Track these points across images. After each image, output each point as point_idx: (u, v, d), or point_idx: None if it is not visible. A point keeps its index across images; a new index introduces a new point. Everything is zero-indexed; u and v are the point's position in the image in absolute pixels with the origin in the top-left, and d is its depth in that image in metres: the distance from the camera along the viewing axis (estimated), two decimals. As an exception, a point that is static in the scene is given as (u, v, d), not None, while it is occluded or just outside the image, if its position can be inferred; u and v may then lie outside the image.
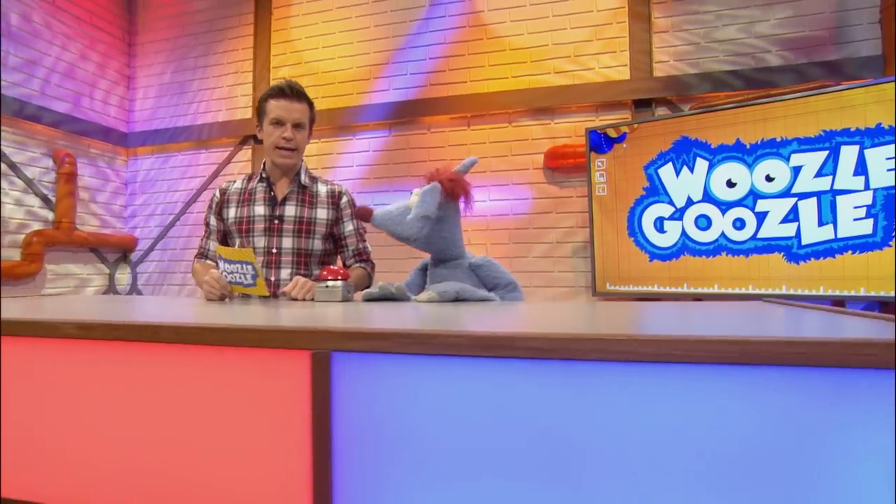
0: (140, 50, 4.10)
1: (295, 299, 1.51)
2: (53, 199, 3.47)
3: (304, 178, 1.84)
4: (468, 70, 3.32)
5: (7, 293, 3.19)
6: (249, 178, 1.88)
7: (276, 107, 1.74)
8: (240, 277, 1.50)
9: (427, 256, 1.55)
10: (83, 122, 3.67)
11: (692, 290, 2.70)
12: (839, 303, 2.48)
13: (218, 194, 1.88)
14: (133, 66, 4.11)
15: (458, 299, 1.34)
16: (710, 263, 2.69)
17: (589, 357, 0.61)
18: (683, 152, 2.74)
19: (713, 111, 2.67)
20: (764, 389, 0.57)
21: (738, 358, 0.57)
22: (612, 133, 2.87)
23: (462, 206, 1.48)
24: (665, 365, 0.60)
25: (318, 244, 1.83)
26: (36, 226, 3.38)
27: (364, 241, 1.92)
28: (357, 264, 1.89)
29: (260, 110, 1.79)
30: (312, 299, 1.49)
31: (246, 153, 3.81)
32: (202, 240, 1.90)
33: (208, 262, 1.84)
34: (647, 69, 3.10)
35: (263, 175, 1.84)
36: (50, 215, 3.46)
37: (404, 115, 3.40)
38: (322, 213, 1.84)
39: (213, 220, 1.87)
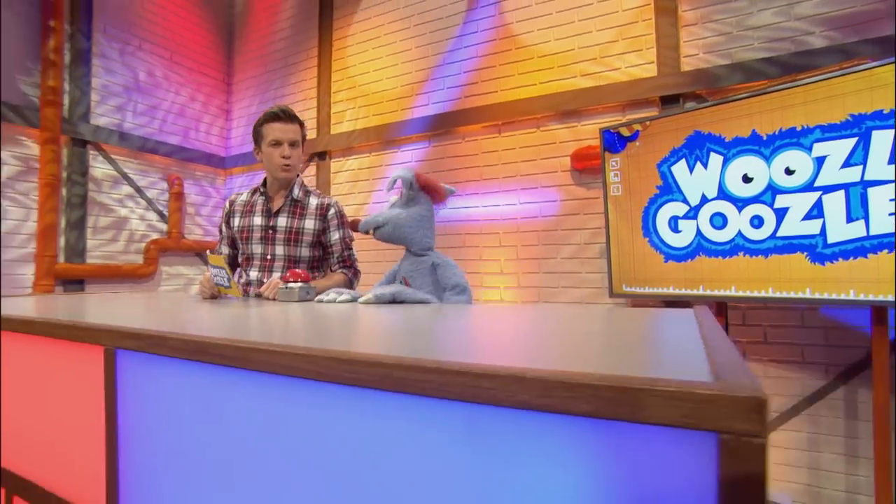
0: (235, 88, 4.91)
1: (266, 298, 1.71)
2: (167, 214, 4.34)
3: (296, 193, 2.02)
4: (498, 80, 3.51)
5: (134, 287, 4.08)
6: (253, 192, 2.10)
7: (272, 129, 1.94)
8: (220, 280, 1.73)
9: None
10: (190, 150, 4.51)
11: (708, 292, 2.67)
12: (881, 310, 2.31)
13: (227, 205, 2.14)
14: (230, 102, 4.92)
15: (394, 301, 1.41)
16: (726, 264, 2.63)
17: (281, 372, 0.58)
18: (696, 148, 2.72)
19: (726, 102, 2.62)
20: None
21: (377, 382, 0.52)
22: (625, 132, 2.93)
23: (434, 206, 1.63)
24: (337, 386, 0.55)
25: (305, 251, 2.00)
26: (154, 235, 4.25)
27: (349, 249, 2.07)
28: (340, 269, 2.05)
29: (257, 135, 1.99)
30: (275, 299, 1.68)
31: (311, 168, 4.37)
32: (217, 243, 2.21)
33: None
34: (675, 64, 3.10)
35: (262, 189, 2.06)
36: (164, 227, 4.32)
37: (441, 126, 3.63)
38: (310, 224, 2.00)
39: (223, 228, 2.14)
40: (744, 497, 0.39)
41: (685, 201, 2.75)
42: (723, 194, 2.64)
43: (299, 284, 1.64)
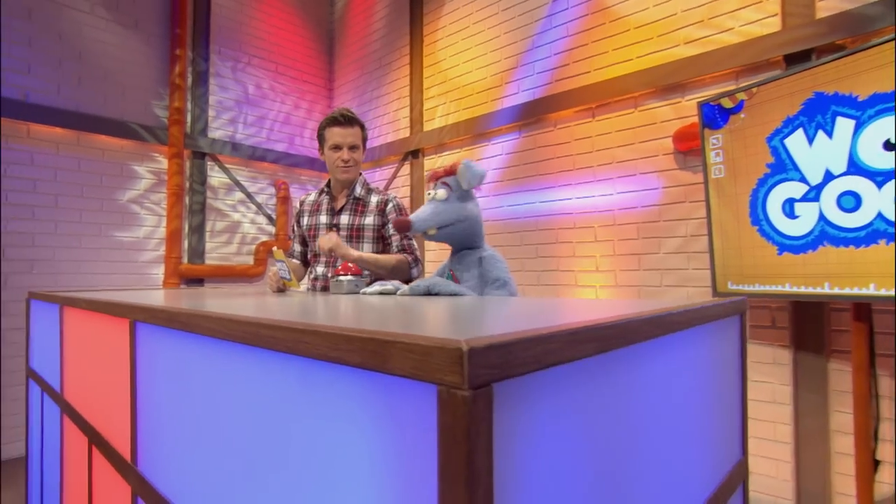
0: (336, 92, 5.27)
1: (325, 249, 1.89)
2: (274, 217, 4.78)
3: (358, 191, 2.17)
4: (591, 59, 3.36)
5: (245, 287, 4.56)
6: (320, 192, 2.28)
7: (333, 133, 2.11)
8: (284, 273, 1.88)
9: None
10: (295, 156, 4.93)
11: (837, 290, 2.31)
12: None
13: (298, 205, 2.37)
14: (331, 107, 5.28)
15: (428, 293, 1.46)
16: (860, 256, 2.26)
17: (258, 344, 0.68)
18: (818, 113, 2.37)
19: (859, 51, 2.24)
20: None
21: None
22: (727, 103, 2.65)
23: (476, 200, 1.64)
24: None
25: (367, 247, 2.13)
26: (263, 238, 4.71)
27: (409, 238, 2.15)
28: (400, 255, 2.11)
29: (320, 137, 2.18)
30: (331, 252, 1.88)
31: (406, 168, 4.55)
32: (291, 242, 2.41)
33: (294, 260, 2.36)
34: (807, 13, 2.72)
35: (327, 189, 2.24)
36: (272, 229, 4.76)
37: (532, 114, 3.58)
38: (370, 220, 2.14)
39: (295, 227, 2.37)
40: (455, 444, 0.43)
41: (803, 180, 2.42)
42: (855, 168, 2.28)
43: (348, 277, 1.75)
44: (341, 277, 1.74)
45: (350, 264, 1.80)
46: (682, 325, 0.78)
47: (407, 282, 2.08)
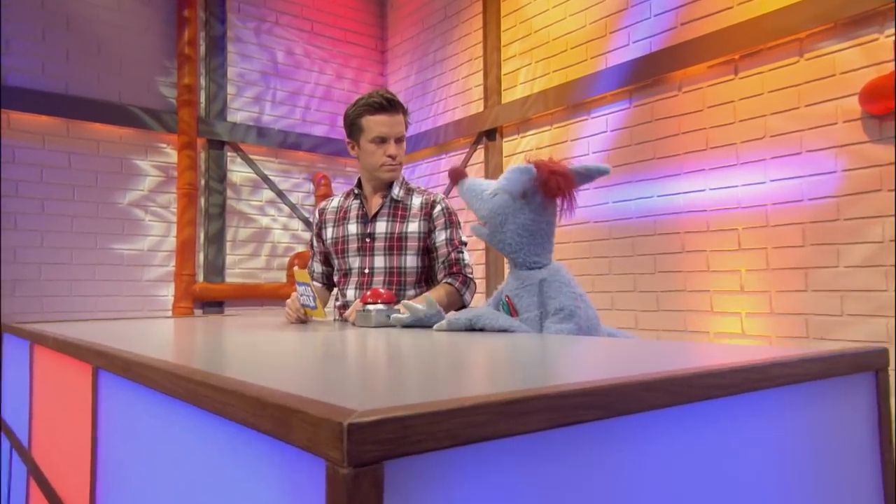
0: (391, 55, 5.28)
1: (353, 323, 1.89)
2: (313, 221, 4.81)
3: (397, 192, 2.21)
4: None
5: (277, 310, 4.50)
6: (346, 196, 2.33)
7: (377, 123, 2.12)
8: (307, 300, 1.94)
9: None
10: (339, 141, 4.94)
11: None
12: None
13: (317, 214, 2.40)
14: (385, 74, 5.29)
15: (471, 328, 1.53)
16: None
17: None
18: None
19: None
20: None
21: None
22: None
23: (558, 208, 1.65)
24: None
25: (410, 261, 2.17)
26: (298, 248, 4.77)
27: (459, 251, 2.17)
28: (446, 279, 2.14)
29: (353, 126, 2.18)
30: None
31: (480, 153, 4.46)
32: (310, 262, 2.46)
33: (314, 283, 2.33)
34: None
35: (357, 192, 2.27)
36: (310, 237, 4.80)
37: (648, 73, 3.47)
38: (414, 227, 2.17)
39: (315, 242, 2.39)
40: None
41: None
42: None
43: (377, 307, 1.78)
44: (369, 307, 1.79)
45: (381, 289, 1.84)
46: (718, 391, 0.78)
47: (460, 309, 2.13)
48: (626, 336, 1.76)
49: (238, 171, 4.61)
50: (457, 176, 1.69)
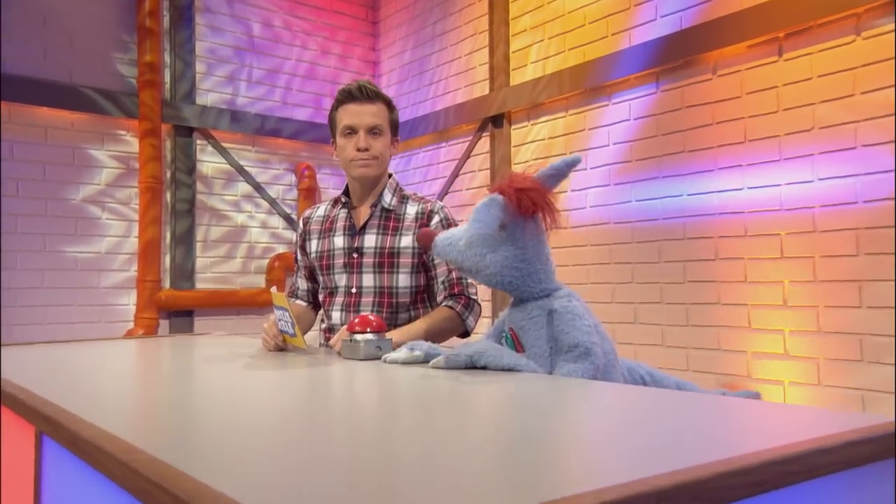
0: (383, 27, 5.25)
1: (338, 353, 1.87)
2: (296, 217, 4.76)
3: (388, 200, 2.20)
4: None
5: (254, 321, 4.54)
6: (334, 204, 2.33)
7: (346, 113, 2.15)
8: (285, 326, 1.92)
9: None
10: (324, 126, 4.76)
11: None
12: None
13: (301, 224, 2.38)
14: (377, 49, 5.26)
15: (472, 366, 1.53)
16: None
17: None
18: None
19: None
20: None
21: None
22: None
23: (541, 222, 1.64)
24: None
25: (403, 280, 2.15)
26: (279, 249, 4.72)
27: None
28: (446, 301, 2.13)
29: (330, 122, 2.24)
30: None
31: (485, 143, 4.44)
32: (294, 277, 2.44)
33: (298, 302, 2.37)
34: None
35: (344, 199, 2.26)
36: (293, 235, 4.73)
37: (678, 53, 3.45)
38: (408, 241, 2.16)
39: (299, 255, 2.37)
40: None
41: None
42: None
43: (366, 336, 1.77)
44: (357, 337, 1.78)
45: (371, 316, 1.84)
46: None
47: (463, 335, 2.18)
48: (657, 373, 1.75)
49: (209, 162, 4.56)
50: (427, 240, 1.66)
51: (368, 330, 1.78)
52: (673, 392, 1.42)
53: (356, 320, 1.80)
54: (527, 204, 1.56)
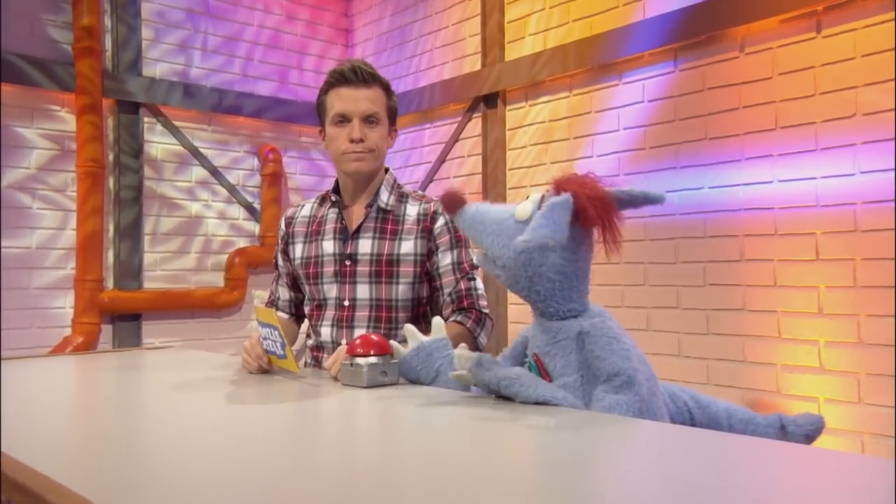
0: None
1: (335, 378, 1.84)
2: (258, 207, 4.70)
3: (385, 199, 2.17)
4: None
5: (211, 325, 4.52)
6: (322, 202, 2.30)
7: (337, 98, 2.11)
8: (272, 345, 1.88)
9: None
10: (291, 103, 4.83)
11: None
12: None
13: (283, 225, 2.33)
14: (350, 15, 5.20)
15: (499, 395, 1.50)
16: None
17: None
18: None
19: None
20: None
21: None
22: None
23: (594, 240, 1.62)
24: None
25: (403, 291, 2.12)
26: (240, 243, 4.65)
27: (470, 278, 2.14)
28: (455, 316, 2.09)
29: (319, 107, 2.20)
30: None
31: (475, 125, 4.40)
32: (273, 284, 2.40)
33: (279, 313, 2.30)
34: None
35: (334, 198, 2.22)
36: (255, 228, 4.69)
37: (700, 27, 3.44)
38: (408, 246, 2.13)
39: (280, 260, 2.34)
40: None
41: None
42: None
43: (370, 360, 1.73)
44: (360, 361, 1.75)
45: (373, 336, 1.80)
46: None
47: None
48: (702, 398, 1.72)
49: (158, 143, 4.46)
50: (454, 204, 1.61)
51: (372, 352, 1.75)
52: (746, 440, 1.36)
53: (357, 341, 1.77)
54: (592, 215, 1.52)
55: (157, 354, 2.66)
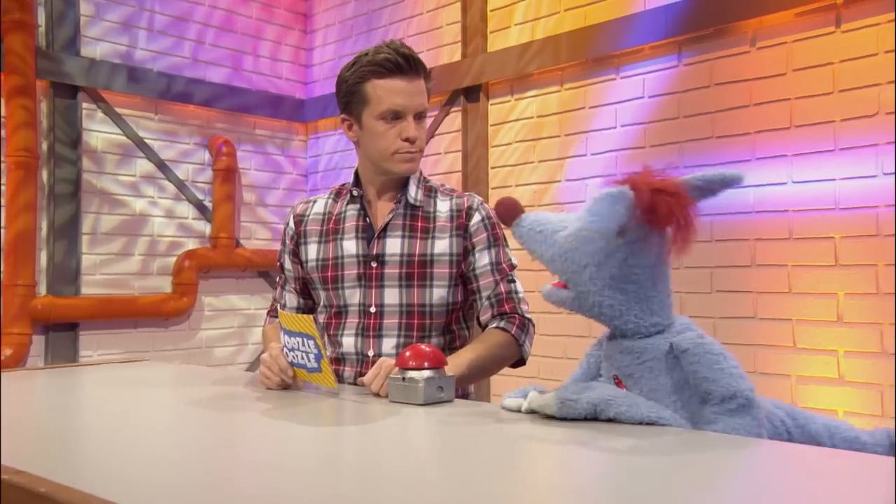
0: None
1: (377, 394, 1.79)
2: (209, 205, 4.58)
3: (414, 193, 2.10)
4: None
5: (157, 335, 4.39)
6: (337, 195, 2.22)
7: (389, 91, 1.99)
8: (301, 357, 1.82)
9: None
10: (245, 91, 4.74)
11: None
12: None
13: (291, 221, 2.26)
14: None
15: (595, 417, 1.43)
16: None
17: None
18: None
19: None
20: None
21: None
22: None
23: (668, 239, 1.54)
24: None
25: (437, 295, 2.07)
26: (190, 244, 4.52)
27: (510, 279, 2.10)
28: (495, 323, 2.05)
29: (351, 94, 2.05)
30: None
31: (454, 119, 4.36)
32: (277, 289, 2.34)
33: (279, 321, 2.20)
34: None
35: (355, 192, 2.14)
36: (206, 228, 4.57)
37: (707, 19, 3.46)
38: (443, 246, 2.08)
39: (287, 262, 2.26)
40: None
41: None
42: None
43: (424, 374, 1.70)
44: (413, 374, 1.71)
45: (425, 347, 1.77)
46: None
47: (517, 364, 2.16)
48: (799, 413, 1.64)
49: (99, 132, 4.30)
50: (512, 213, 1.55)
51: (426, 364, 1.71)
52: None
53: (408, 353, 1.72)
54: (663, 211, 1.44)
55: (141, 369, 2.47)
